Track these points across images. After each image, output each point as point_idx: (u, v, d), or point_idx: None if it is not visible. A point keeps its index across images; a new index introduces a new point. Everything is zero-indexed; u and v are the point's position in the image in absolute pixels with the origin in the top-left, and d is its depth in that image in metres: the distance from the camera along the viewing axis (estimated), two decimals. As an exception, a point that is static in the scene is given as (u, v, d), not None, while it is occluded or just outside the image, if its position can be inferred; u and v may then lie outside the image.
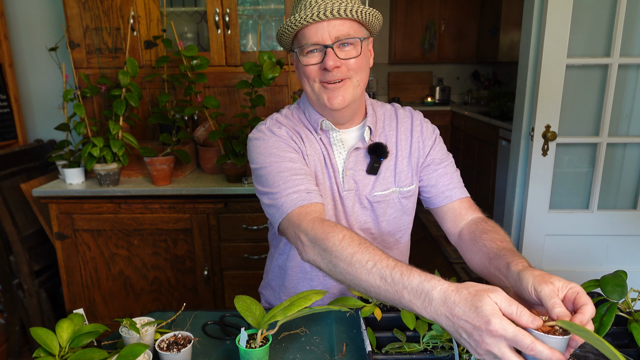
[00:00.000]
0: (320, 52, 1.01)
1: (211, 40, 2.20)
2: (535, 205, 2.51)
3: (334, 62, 0.99)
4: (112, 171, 1.99)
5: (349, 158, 1.12)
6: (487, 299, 0.63)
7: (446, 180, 1.16)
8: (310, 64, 1.02)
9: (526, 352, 0.62)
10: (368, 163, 1.12)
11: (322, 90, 1.04)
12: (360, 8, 0.99)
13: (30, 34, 2.48)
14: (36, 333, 0.83)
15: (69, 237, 2.05)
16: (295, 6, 1.04)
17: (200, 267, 2.07)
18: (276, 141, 1.08)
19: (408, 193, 1.16)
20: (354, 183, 1.12)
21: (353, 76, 1.03)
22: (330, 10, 0.96)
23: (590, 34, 2.33)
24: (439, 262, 3.41)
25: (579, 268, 2.58)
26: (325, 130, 1.13)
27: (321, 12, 0.96)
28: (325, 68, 1.00)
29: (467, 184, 1.23)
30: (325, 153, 1.12)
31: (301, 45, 1.02)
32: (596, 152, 2.45)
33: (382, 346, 0.91)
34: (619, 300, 0.89)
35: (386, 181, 1.14)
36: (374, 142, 1.12)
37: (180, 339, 0.92)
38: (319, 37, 0.99)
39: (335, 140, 1.13)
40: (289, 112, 1.18)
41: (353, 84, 1.04)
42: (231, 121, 2.28)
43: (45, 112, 2.57)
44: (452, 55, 5.17)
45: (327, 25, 0.98)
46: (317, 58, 1.02)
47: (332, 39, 0.99)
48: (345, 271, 0.82)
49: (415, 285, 0.71)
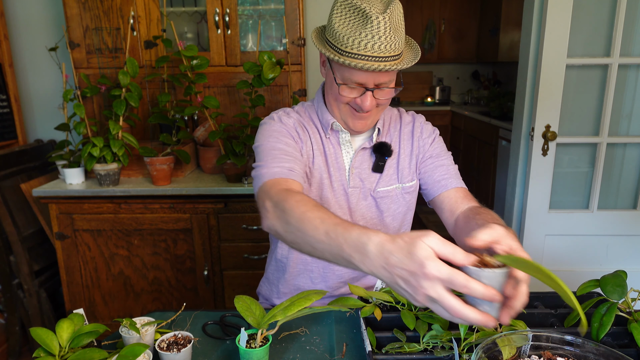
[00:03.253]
0: (360, 90, 1.05)
1: (211, 40, 2.20)
2: (535, 205, 2.51)
3: (370, 103, 1.05)
4: (112, 171, 1.99)
5: (355, 157, 1.18)
6: (420, 243, 0.63)
7: (442, 171, 1.20)
8: (348, 97, 1.07)
9: (462, 291, 0.61)
10: (373, 161, 1.19)
11: (348, 114, 1.10)
12: (406, 63, 1.02)
13: (30, 34, 2.48)
14: (36, 333, 0.83)
15: (69, 237, 2.05)
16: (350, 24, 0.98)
17: (200, 267, 2.07)
18: (280, 126, 1.13)
19: (410, 188, 1.22)
20: (359, 181, 1.19)
21: (379, 107, 1.11)
22: (383, 67, 0.98)
23: (590, 34, 2.33)
24: (439, 262, 3.41)
25: (579, 268, 2.58)
26: (335, 131, 1.18)
27: (377, 67, 0.97)
28: (360, 105, 1.06)
29: (468, 184, 1.24)
30: (333, 152, 1.18)
31: (343, 81, 1.05)
32: (596, 152, 2.45)
33: (382, 346, 0.91)
34: (619, 300, 0.89)
35: (390, 178, 1.21)
36: (379, 141, 1.18)
37: (180, 339, 0.92)
38: (363, 80, 1.03)
39: (344, 141, 1.19)
40: (301, 109, 1.23)
41: (378, 112, 1.13)
42: (231, 121, 2.27)
43: (45, 112, 2.57)
44: (452, 55, 5.17)
45: (376, 74, 1.02)
46: (356, 93, 1.06)
47: (375, 84, 1.04)
48: (296, 229, 0.82)
49: (354, 238, 0.71)
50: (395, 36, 0.98)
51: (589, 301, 0.95)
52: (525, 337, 0.79)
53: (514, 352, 0.78)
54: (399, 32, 0.99)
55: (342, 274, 1.24)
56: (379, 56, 0.98)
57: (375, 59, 0.98)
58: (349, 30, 0.99)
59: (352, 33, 0.98)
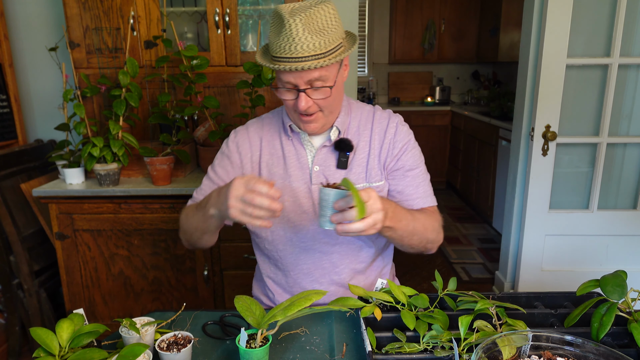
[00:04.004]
0: (295, 91, 1.09)
1: (211, 40, 2.20)
2: (535, 205, 2.51)
3: (306, 104, 1.08)
4: (112, 171, 1.99)
5: (317, 156, 1.21)
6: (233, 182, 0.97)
7: (411, 190, 1.23)
8: (287, 99, 1.12)
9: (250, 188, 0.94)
10: (336, 158, 1.21)
11: (297, 118, 1.15)
12: (330, 58, 1.04)
13: (30, 34, 2.48)
14: (36, 333, 0.83)
15: (69, 237, 2.05)
16: (272, 31, 1.07)
17: (200, 267, 2.07)
18: (220, 155, 1.29)
19: (377, 188, 1.22)
20: (323, 178, 1.21)
21: (324, 110, 1.13)
22: (303, 66, 1.02)
23: (590, 34, 2.33)
24: (439, 262, 3.41)
25: (579, 268, 2.58)
26: (297, 132, 1.23)
27: (297, 67, 1.02)
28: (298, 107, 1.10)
29: (468, 184, 1.24)
30: (294, 152, 1.23)
31: (279, 84, 1.11)
32: (596, 152, 2.45)
33: (382, 346, 0.91)
34: (619, 300, 0.89)
35: (358, 177, 1.21)
36: (339, 138, 1.21)
37: (180, 339, 0.92)
38: (292, 80, 1.07)
39: (305, 141, 1.22)
40: (273, 115, 1.30)
41: (325, 114, 1.15)
42: (231, 121, 2.27)
43: (45, 112, 2.57)
44: (452, 55, 5.17)
45: (301, 73, 1.05)
46: (292, 95, 1.10)
47: (305, 84, 1.07)
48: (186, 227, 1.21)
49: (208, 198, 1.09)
50: (312, 37, 1.01)
51: (589, 301, 0.95)
52: (525, 337, 0.79)
53: (514, 352, 0.78)
54: (321, 33, 1.02)
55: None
56: (296, 57, 1.02)
57: (293, 60, 1.02)
58: (273, 36, 1.06)
59: (274, 39, 1.05)
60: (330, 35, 1.04)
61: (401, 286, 1.03)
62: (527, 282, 2.62)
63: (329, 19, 1.04)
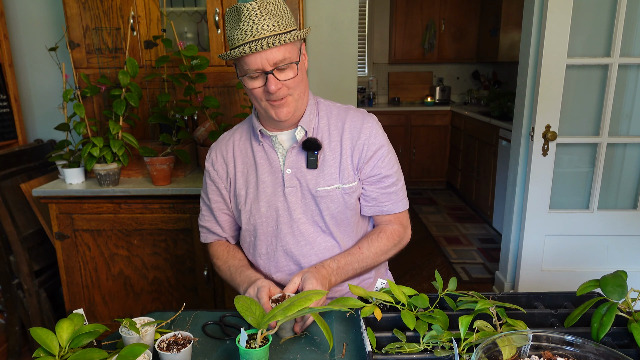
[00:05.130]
0: (262, 77, 1.12)
1: (211, 40, 2.20)
2: (535, 205, 2.51)
3: (275, 86, 1.10)
4: (112, 171, 1.99)
5: (287, 158, 1.22)
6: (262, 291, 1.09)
7: (384, 198, 1.27)
8: (255, 88, 1.13)
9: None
10: (305, 158, 1.22)
11: (269, 106, 1.16)
12: (291, 35, 1.08)
13: (30, 34, 2.48)
14: (36, 333, 0.83)
15: (69, 237, 2.05)
16: (231, 25, 1.11)
17: (200, 267, 2.07)
18: (205, 181, 1.34)
19: (350, 189, 1.23)
20: (296, 180, 1.22)
21: (293, 92, 1.15)
22: (267, 43, 1.05)
23: (590, 34, 2.33)
24: (439, 262, 3.41)
25: (579, 268, 2.58)
26: (267, 136, 1.24)
27: (258, 46, 1.05)
28: (269, 91, 1.11)
29: (468, 184, 1.25)
30: (266, 157, 1.25)
31: (245, 73, 1.13)
32: (596, 152, 2.45)
33: (382, 346, 0.91)
34: (619, 300, 0.89)
35: (331, 177, 1.22)
36: (306, 137, 1.22)
37: (180, 339, 0.92)
38: (258, 64, 1.09)
39: (276, 144, 1.24)
40: (242, 126, 1.33)
41: (294, 98, 1.17)
42: (231, 121, 2.27)
43: (45, 112, 2.57)
44: (452, 55, 5.17)
45: (266, 54, 1.08)
46: (260, 82, 1.13)
47: (271, 65, 1.09)
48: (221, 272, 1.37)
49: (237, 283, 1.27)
50: (270, 17, 1.07)
51: (589, 301, 0.95)
52: (525, 337, 0.79)
53: (514, 352, 0.78)
54: (278, 15, 1.08)
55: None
56: (258, 38, 1.06)
57: (256, 41, 1.06)
58: (231, 29, 1.11)
59: (234, 29, 1.09)
60: (286, 18, 1.10)
61: (401, 286, 1.03)
62: (527, 282, 2.62)
63: (282, 6, 1.11)
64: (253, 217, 1.25)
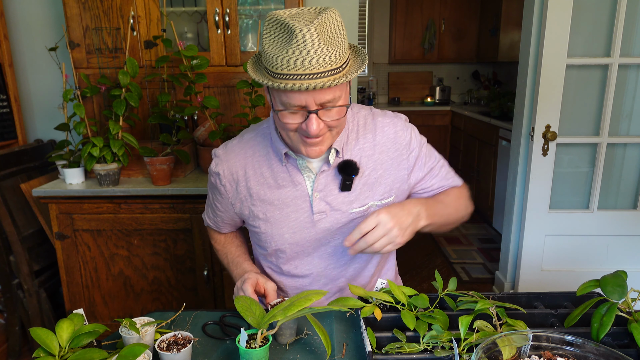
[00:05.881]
0: (303, 113, 0.95)
1: (211, 40, 2.20)
2: (535, 205, 2.51)
3: (317, 127, 0.94)
4: (112, 171, 1.99)
5: (317, 181, 1.10)
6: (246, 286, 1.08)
7: (442, 182, 1.23)
8: (291, 123, 0.97)
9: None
10: (340, 182, 1.10)
11: (299, 141, 1.00)
12: (348, 75, 0.91)
13: (30, 34, 2.48)
14: (36, 333, 0.83)
15: (69, 237, 2.05)
16: (276, 44, 0.90)
17: (200, 267, 2.07)
18: (211, 190, 1.24)
19: (386, 205, 1.12)
20: (325, 205, 1.11)
21: (333, 130, 1.01)
22: (321, 85, 0.88)
23: (590, 34, 2.33)
24: (439, 262, 3.41)
25: (579, 268, 2.58)
26: (292, 159, 1.10)
27: (310, 86, 0.87)
28: (307, 130, 0.95)
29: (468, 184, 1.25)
30: (290, 180, 1.11)
31: (283, 107, 0.95)
32: (596, 152, 2.45)
33: (382, 346, 0.91)
34: (619, 300, 0.89)
35: (363, 196, 1.11)
36: (343, 160, 1.09)
37: (180, 339, 0.92)
38: (302, 102, 0.92)
39: (302, 167, 1.10)
40: (255, 136, 1.15)
41: (332, 135, 1.02)
42: (231, 121, 2.27)
43: (45, 112, 2.57)
44: (452, 55, 5.17)
45: (314, 93, 0.91)
46: (299, 118, 0.96)
47: (317, 105, 0.93)
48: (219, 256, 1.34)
49: (234, 274, 1.24)
50: (328, 47, 0.87)
51: (589, 301, 0.95)
52: (525, 337, 0.79)
53: (514, 352, 0.78)
54: (336, 43, 0.89)
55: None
56: (311, 73, 0.87)
57: (308, 76, 0.88)
58: (277, 49, 0.89)
59: (280, 52, 0.88)
60: (342, 47, 0.91)
61: (401, 286, 1.03)
62: (527, 282, 2.62)
63: (338, 28, 0.91)
64: (275, 242, 1.15)
